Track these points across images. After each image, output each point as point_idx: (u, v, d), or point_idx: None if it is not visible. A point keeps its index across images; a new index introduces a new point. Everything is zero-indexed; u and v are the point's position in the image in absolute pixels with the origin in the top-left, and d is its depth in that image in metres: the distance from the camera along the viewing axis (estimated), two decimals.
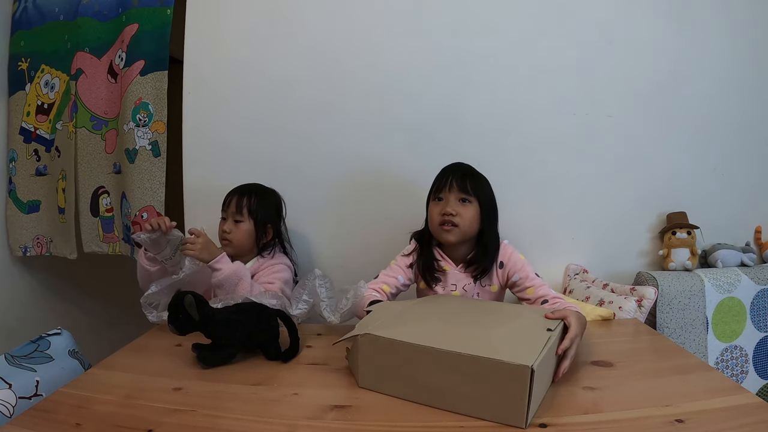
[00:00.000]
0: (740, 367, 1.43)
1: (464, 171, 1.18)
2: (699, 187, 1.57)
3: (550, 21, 1.50)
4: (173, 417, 0.76)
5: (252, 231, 1.32)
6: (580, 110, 1.53)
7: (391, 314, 0.93)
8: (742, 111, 1.57)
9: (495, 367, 0.72)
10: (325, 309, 1.10)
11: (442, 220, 1.15)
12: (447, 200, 1.15)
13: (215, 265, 1.19)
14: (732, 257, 1.50)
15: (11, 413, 0.88)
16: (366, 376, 0.84)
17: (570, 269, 1.55)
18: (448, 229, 1.15)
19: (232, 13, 1.55)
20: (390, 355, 0.80)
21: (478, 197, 1.16)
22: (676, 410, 0.75)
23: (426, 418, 0.75)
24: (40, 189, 1.80)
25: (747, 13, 1.54)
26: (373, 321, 0.89)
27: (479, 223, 1.17)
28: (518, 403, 0.70)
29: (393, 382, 0.81)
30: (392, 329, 0.83)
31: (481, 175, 1.21)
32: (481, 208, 1.16)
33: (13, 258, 1.84)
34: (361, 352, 0.84)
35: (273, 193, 1.42)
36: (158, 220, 1.17)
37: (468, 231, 1.16)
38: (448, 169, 1.21)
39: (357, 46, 1.53)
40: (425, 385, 0.78)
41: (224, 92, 1.56)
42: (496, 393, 0.72)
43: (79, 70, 1.65)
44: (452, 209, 1.13)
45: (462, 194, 1.15)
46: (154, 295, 1.14)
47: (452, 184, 1.15)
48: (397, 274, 1.22)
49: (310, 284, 1.12)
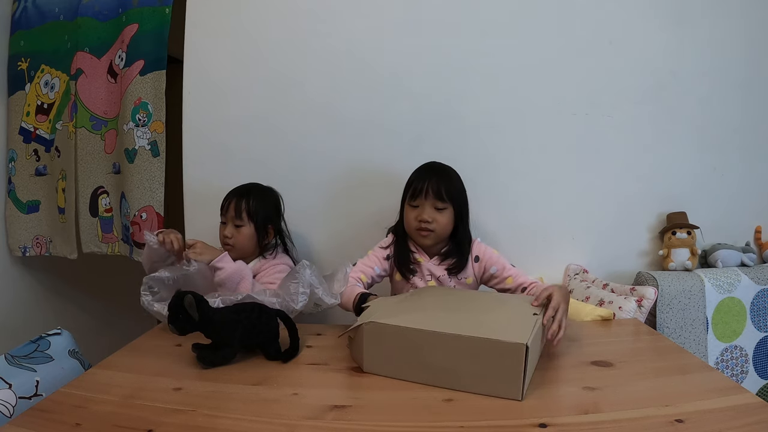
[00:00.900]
0: (740, 367, 1.43)
1: (439, 177, 1.19)
2: (699, 187, 1.57)
3: (551, 21, 1.50)
4: (173, 417, 0.75)
5: (253, 233, 1.32)
6: (580, 110, 1.52)
7: (390, 305, 0.98)
8: (741, 111, 1.57)
9: (493, 345, 0.80)
10: (323, 295, 1.12)
11: (418, 225, 1.19)
12: (423, 208, 1.18)
13: (217, 264, 1.19)
14: (732, 257, 1.50)
15: (11, 413, 0.88)
16: (372, 362, 0.89)
17: (570, 269, 1.55)
18: (425, 234, 1.19)
19: (232, 13, 1.55)
20: (393, 340, 0.86)
21: (453, 201, 1.19)
22: (676, 410, 0.75)
23: (426, 418, 0.75)
24: (40, 189, 1.80)
25: (747, 13, 1.54)
26: (374, 312, 0.94)
27: (453, 224, 1.21)
28: (515, 377, 0.78)
29: (397, 365, 0.87)
30: (394, 317, 0.89)
31: (453, 174, 1.23)
32: (455, 211, 1.20)
33: (12, 258, 1.84)
34: (366, 340, 0.88)
35: (271, 192, 1.41)
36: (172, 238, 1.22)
37: (443, 234, 1.20)
38: (422, 173, 1.22)
39: (357, 46, 1.53)
40: (428, 366, 0.84)
41: (224, 92, 1.56)
42: (494, 369, 0.80)
43: (78, 70, 1.65)
44: (428, 217, 1.17)
45: (437, 201, 1.17)
46: (158, 280, 1.14)
47: (428, 191, 1.17)
48: (374, 264, 1.25)
49: (302, 276, 1.12)
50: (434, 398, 0.81)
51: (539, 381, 0.86)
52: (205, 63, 1.56)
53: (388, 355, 0.87)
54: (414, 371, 0.86)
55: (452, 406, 0.78)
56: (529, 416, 0.74)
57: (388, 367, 0.88)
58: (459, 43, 1.51)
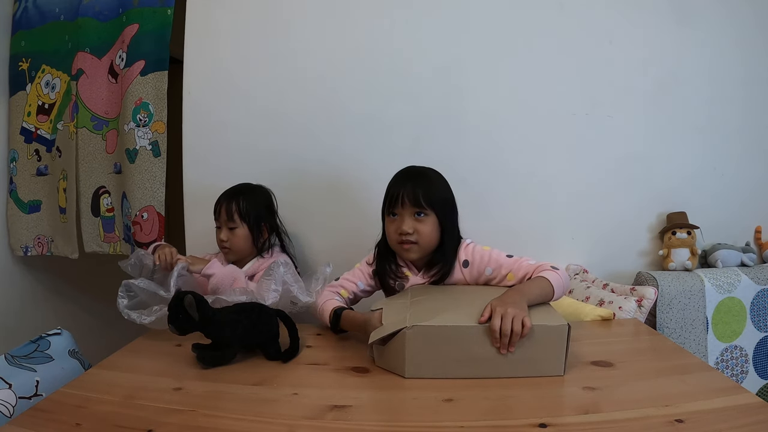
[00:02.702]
0: (740, 367, 1.43)
1: (415, 182, 1.09)
2: (699, 187, 1.57)
3: (551, 21, 1.50)
4: (173, 417, 0.76)
5: (248, 234, 1.32)
6: (580, 110, 1.53)
7: (406, 307, 0.96)
8: (742, 111, 1.57)
9: (540, 330, 0.87)
10: (298, 292, 1.12)
11: (399, 239, 1.09)
12: (402, 217, 1.08)
13: (207, 271, 1.20)
14: (732, 257, 1.50)
15: (11, 413, 0.88)
16: (415, 366, 0.88)
17: (570, 269, 1.54)
18: (408, 248, 1.09)
19: (232, 13, 1.55)
20: (439, 341, 0.87)
21: (434, 207, 1.08)
22: (676, 410, 0.74)
23: (426, 418, 0.75)
24: (41, 189, 1.80)
25: (747, 13, 1.54)
26: (393, 315, 0.93)
27: (440, 232, 1.10)
28: (559, 355, 0.87)
29: (443, 365, 0.87)
30: (433, 318, 0.89)
31: (432, 177, 1.13)
32: (438, 217, 1.09)
33: (14, 258, 1.84)
34: (410, 345, 0.87)
35: (261, 190, 1.41)
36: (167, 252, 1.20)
37: (429, 245, 1.10)
38: (398, 180, 1.13)
39: (357, 46, 1.53)
40: (474, 360, 0.87)
41: (224, 92, 1.56)
42: (539, 352, 0.87)
43: (79, 70, 1.65)
44: (408, 228, 1.07)
45: (416, 209, 1.07)
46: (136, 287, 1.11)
47: (404, 199, 1.07)
48: (358, 280, 1.20)
49: (276, 273, 1.13)
50: (434, 398, 0.81)
51: (539, 381, 0.86)
52: (205, 63, 1.56)
53: (433, 357, 0.87)
54: (460, 368, 0.87)
55: (452, 406, 0.78)
56: (529, 416, 0.74)
57: (433, 368, 0.87)
58: (459, 44, 1.51)
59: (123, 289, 1.09)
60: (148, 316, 1.06)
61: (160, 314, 1.05)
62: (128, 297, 1.10)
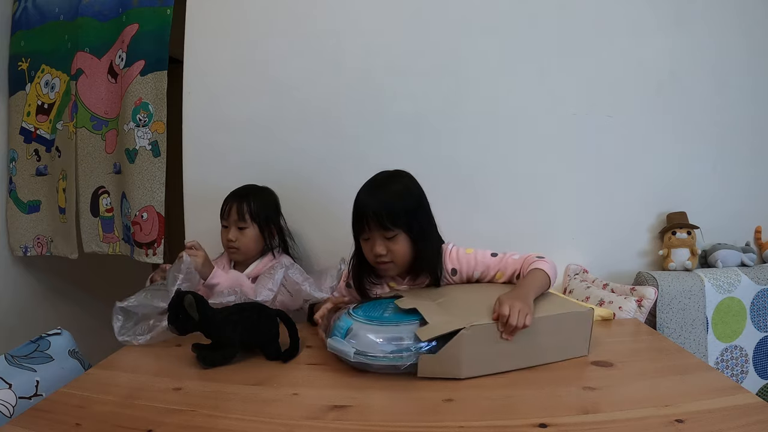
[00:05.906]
0: (740, 367, 1.43)
1: (377, 201, 1.05)
2: (699, 187, 1.57)
3: (550, 21, 1.50)
4: (173, 417, 0.76)
5: (258, 234, 1.32)
6: (580, 110, 1.52)
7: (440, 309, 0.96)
8: (741, 111, 1.56)
9: (571, 317, 0.97)
10: (310, 289, 1.13)
11: (375, 260, 1.09)
12: (373, 240, 1.07)
13: (212, 281, 1.19)
14: (732, 257, 1.50)
15: (11, 413, 0.88)
16: (470, 366, 0.89)
17: (570, 269, 1.54)
18: (385, 267, 1.09)
19: (232, 13, 1.55)
20: (489, 338, 0.90)
21: (401, 226, 1.05)
22: (676, 410, 0.74)
23: (426, 418, 0.75)
24: (41, 189, 1.80)
25: (747, 13, 1.54)
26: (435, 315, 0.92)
27: (415, 245, 1.07)
28: (585, 337, 0.97)
29: (493, 361, 0.91)
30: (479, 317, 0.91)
31: (396, 189, 1.08)
32: (410, 234, 1.06)
33: (13, 258, 1.84)
34: (467, 344, 0.88)
35: (268, 191, 1.42)
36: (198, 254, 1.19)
37: (406, 259, 1.08)
38: (361, 199, 1.09)
39: (357, 46, 1.53)
40: (517, 352, 0.91)
41: (224, 92, 1.57)
42: (568, 336, 0.96)
43: (79, 70, 1.65)
44: (381, 250, 1.06)
45: (384, 232, 1.05)
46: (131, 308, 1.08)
47: (370, 225, 1.05)
48: (346, 297, 1.21)
49: (276, 275, 1.14)
50: (434, 398, 0.80)
51: (539, 381, 0.87)
52: (205, 63, 1.56)
53: (484, 354, 0.90)
54: (507, 361, 0.91)
55: (452, 406, 0.78)
56: (529, 416, 0.74)
57: (485, 365, 0.90)
58: (459, 44, 1.51)
59: (118, 311, 1.08)
60: (142, 335, 1.07)
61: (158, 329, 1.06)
62: (123, 318, 1.08)
